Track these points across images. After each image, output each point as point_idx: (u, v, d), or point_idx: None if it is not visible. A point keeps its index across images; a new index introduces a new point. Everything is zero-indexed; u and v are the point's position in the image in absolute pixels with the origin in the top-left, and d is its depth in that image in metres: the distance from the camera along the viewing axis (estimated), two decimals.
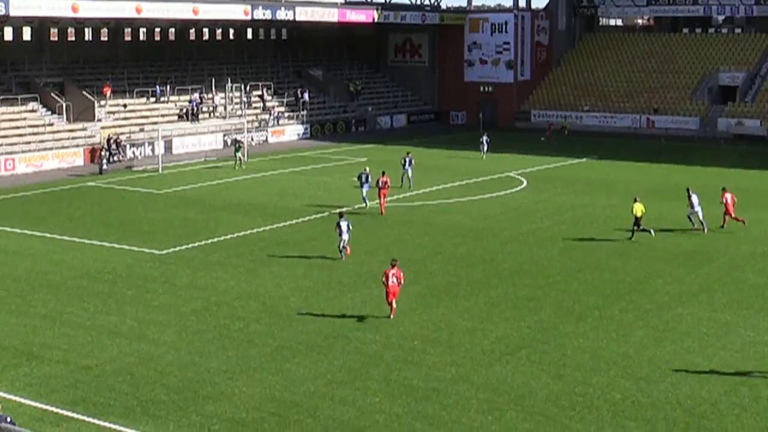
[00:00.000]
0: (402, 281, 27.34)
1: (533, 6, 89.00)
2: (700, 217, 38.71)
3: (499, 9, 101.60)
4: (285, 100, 76.21)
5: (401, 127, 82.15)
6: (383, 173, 42.98)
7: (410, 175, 49.31)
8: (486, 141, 61.97)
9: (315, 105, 78.48)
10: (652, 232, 37.25)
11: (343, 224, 33.79)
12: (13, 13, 55.48)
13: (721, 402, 21.11)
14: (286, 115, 74.85)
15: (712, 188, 49.72)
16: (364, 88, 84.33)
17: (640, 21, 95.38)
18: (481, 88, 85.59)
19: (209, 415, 20.34)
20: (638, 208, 36.80)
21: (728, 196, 39.01)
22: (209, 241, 37.31)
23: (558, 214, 42.73)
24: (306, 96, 77.02)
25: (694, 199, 38.81)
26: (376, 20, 78.41)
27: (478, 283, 31.01)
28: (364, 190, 42.91)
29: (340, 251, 34.10)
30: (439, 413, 20.47)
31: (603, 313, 27.65)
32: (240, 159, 57.45)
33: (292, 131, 73.79)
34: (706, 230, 38.42)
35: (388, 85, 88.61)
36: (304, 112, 75.93)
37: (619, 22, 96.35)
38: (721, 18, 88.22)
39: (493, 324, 26.68)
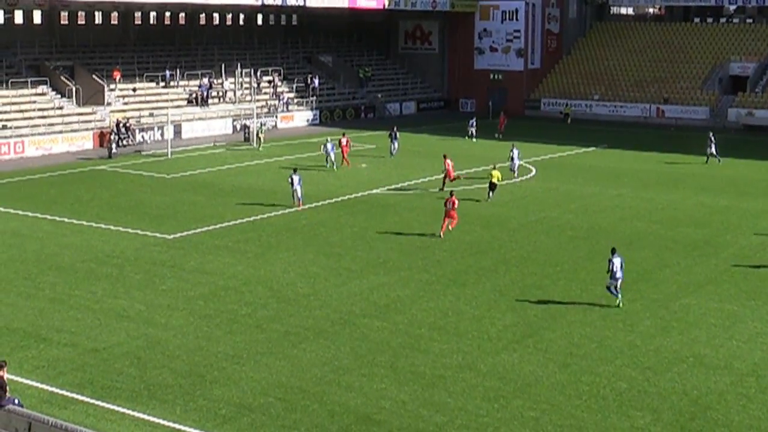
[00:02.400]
0: (456, 206, 35.10)
1: None
2: (516, 167, 48.47)
3: None
4: (295, 86, 76.15)
5: (411, 114, 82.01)
6: (343, 134, 53.39)
7: (397, 146, 55.76)
8: (473, 124, 65.76)
9: (324, 91, 78.42)
10: (490, 196, 42.11)
11: (296, 178, 39.54)
12: None
13: (728, 392, 21.11)
14: (296, 101, 74.82)
15: (719, 178, 49.77)
16: (373, 75, 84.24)
17: (651, 10, 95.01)
18: (491, 76, 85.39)
19: (216, 400, 20.41)
20: (496, 175, 42.18)
21: (449, 161, 44.59)
22: (217, 225, 37.36)
23: (566, 202, 42.67)
24: (316, 82, 77.00)
25: (515, 152, 48.74)
26: (386, 6, 78.22)
27: (485, 271, 31.01)
28: (332, 154, 50.83)
29: (293, 201, 39.79)
30: (446, 400, 20.50)
31: (610, 303, 27.64)
32: (261, 139, 59.67)
33: (301, 117, 73.77)
34: (517, 177, 48.20)
35: (397, 72, 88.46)
36: (314, 98, 75.89)
37: (630, 11, 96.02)
38: (732, 8, 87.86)
39: (501, 312, 26.70)
